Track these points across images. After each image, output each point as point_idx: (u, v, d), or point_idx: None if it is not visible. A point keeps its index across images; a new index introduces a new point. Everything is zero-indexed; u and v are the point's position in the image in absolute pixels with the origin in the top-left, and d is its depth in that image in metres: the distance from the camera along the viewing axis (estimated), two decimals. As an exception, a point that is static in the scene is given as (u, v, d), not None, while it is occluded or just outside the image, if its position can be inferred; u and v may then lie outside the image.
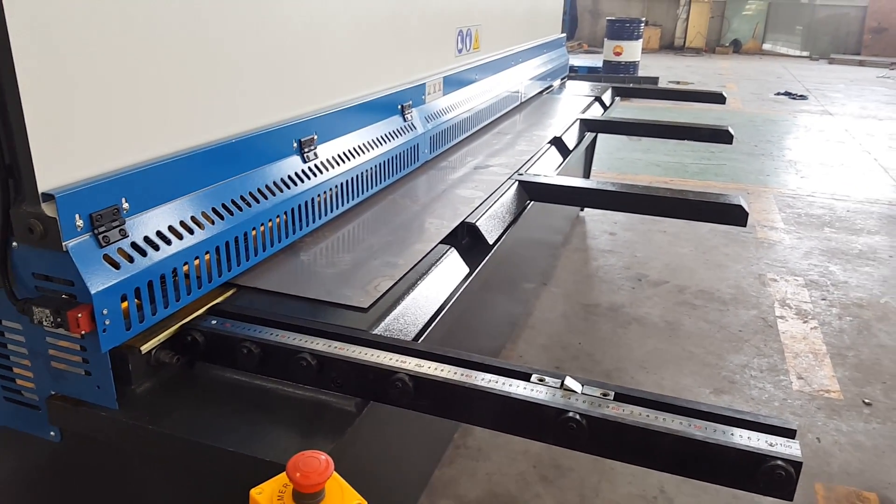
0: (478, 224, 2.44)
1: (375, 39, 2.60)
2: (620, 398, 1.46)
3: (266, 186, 1.92)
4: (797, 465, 1.29)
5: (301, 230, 2.12)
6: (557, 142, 3.77)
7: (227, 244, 1.77)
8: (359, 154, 2.41)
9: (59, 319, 1.37)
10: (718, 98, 5.41)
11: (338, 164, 2.28)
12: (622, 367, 3.73)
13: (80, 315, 1.35)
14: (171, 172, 1.61)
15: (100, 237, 1.41)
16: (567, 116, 4.40)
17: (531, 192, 2.97)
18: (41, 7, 1.28)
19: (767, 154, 8.47)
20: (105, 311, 1.39)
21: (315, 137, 2.17)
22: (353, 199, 2.42)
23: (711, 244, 5.49)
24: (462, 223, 2.43)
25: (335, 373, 1.56)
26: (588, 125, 4.38)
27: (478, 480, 2.88)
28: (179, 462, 1.59)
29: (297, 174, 2.07)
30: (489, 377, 1.52)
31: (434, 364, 1.55)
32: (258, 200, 1.88)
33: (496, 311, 3.60)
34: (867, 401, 3.47)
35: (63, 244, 1.34)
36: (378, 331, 1.73)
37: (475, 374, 1.52)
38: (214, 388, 1.62)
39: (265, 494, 1.13)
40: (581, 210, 5.99)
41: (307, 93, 2.20)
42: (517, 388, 1.48)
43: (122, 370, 1.53)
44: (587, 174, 6.09)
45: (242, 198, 1.83)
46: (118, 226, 1.45)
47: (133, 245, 1.48)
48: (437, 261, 2.14)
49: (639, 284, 4.78)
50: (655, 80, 13.39)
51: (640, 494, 2.82)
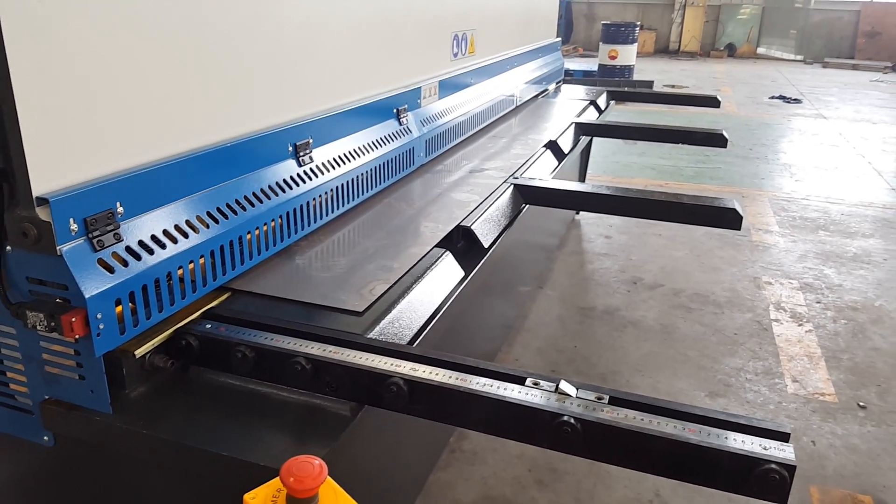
0: (473, 227, 2.44)
1: (371, 43, 2.60)
2: (615, 402, 1.46)
3: (261, 190, 1.92)
4: (791, 469, 1.29)
5: (296, 234, 2.12)
6: (553, 145, 3.77)
7: (222, 248, 1.76)
8: (354, 158, 2.41)
9: (53, 324, 1.36)
10: (713, 102, 5.42)
11: (333, 168, 2.28)
12: (618, 371, 3.74)
13: (74, 319, 1.35)
14: (166, 176, 1.61)
15: (94, 241, 1.40)
16: (562, 120, 4.40)
17: (526, 196, 2.97)
18: (36, 11, 1.28)
19: (762, 157, 8.49)
20: (99, 316, 1.39)
21: (310, 141, 2.17)
22: (349, 203, 2.42)
23: (706, 247, 5.50)
24: (457, 227, 2.43)
25: (330, 377, 1.56)
26: (583, 129, 4.39)
27: (473, 484, 2.88)
28: (173, 467, 1.59)
29: (293, 178, 2.07)
30: (484, 381, 1.52)
31: (429, 368, 1.55)
32: (253, 204, 1.88)
33: (492, 315, 3.60)
34: (862, 404, 3.48)
35: (57, 248, 1.34)
36: (373, 335, 1.73)
37: (470, 378, 1.52)
38: (209, 393, 1.62)
39: (259, 499, 1.13)
40: (576, 213, 6.00)
41: (302, 96, 2.20)
42: (512, 392, 1.48)
43: (117, 374, 1.53)
44: (582, 178, 6.10)
45: (237, 201, 1.82)
46: (113, 230, 1.45)
47: (127, 249, 1.48)
48: (433, 264, 2.14)
49: (634, 288, 4.79)
50: (650, 84, 13.38)
51: (636, 498, 2.82)
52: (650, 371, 3.73)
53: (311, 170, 2.16)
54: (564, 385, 1.49)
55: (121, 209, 1.48)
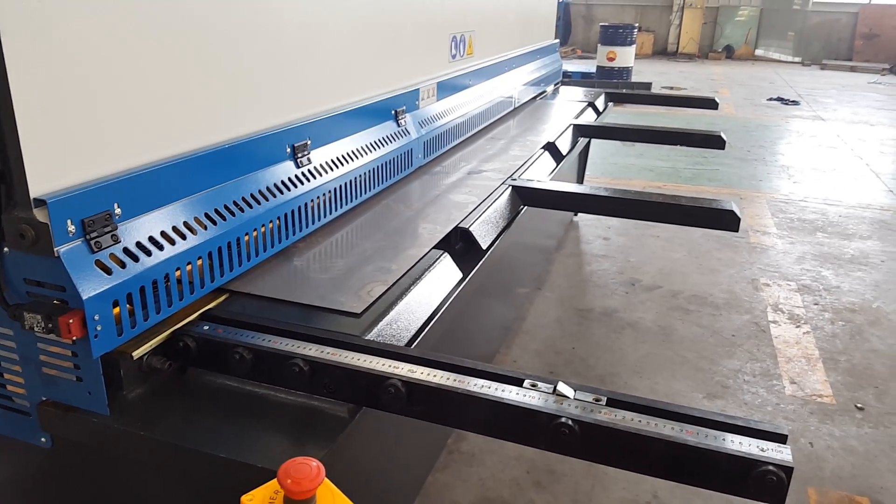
0: (471, 229, 2.44)
1: (369, 45, 2.60)
2: (613, 403, 1.46)
3: (259, 191, 1.92)
4: (788, 471, 1.29)
5: (294, 235, 2.12)
6: (551, 147, 3.77)
7: (220, 249, 1.76)
8: (352, 159, 2.42)
9: (51, 325, 1.37)
10: (711, 104, 5.42)
11: (331, 170, 2.28)
12: (616, 372, 3.74)
13: (72, 321, 1.35)
14: (164, 177, 1.61)
15: (92, 243, 1.40)
16: (560, 122, 4.41)
17: (525, 198, 2.97)
18: (33, 13, 1.28)
19: (760, 159, 8.50)
20: (96, 317, 1.39)
21: (308, 142, 2.17)
22: (347, 204, 2.42)
23: (704, 249, 5.50)
24: (455, 228, 2.43)
25: (327, 378, 1.56)
26: (581, 130, 4.39)
27: (471, 486, 2.88)
28: (171, 468, 1.59)
29: (291, 179, 2.07)
30: (482, 382, 1.52)
31: (427, 369, 1.55)
32: (251, 205, 1.88)
33: (490, 316, 3.60)
34: (859, 405, 3.48)
35: (55, 250, 1.34)
36: (371, 336, 1.73)
37: (468, 380, 1.52)
38: (206, 394, 1.62)
39: (256, 501, 1.13)
40: (575, 215, 6.00)
41: (301, 98, 2.20)
42: (510, 394, 1.48)
43: (114, 376, 1.53)
44: (581, 179, 6.11)
45: (235, 203, 1.82)
46: (110, 231, 1.45)
47: (125, 250, 1.48)
48: (431, 266, 2.14)
49: (632, 289, 4.79)
50: (648, 86, 13.44)
51: (634, 499, 2.82)
52: (648, 372, 3.73)
53: (310, 171, 2.16)
54: (562, 387, 1.49)
55: (118, 211, 1.48)
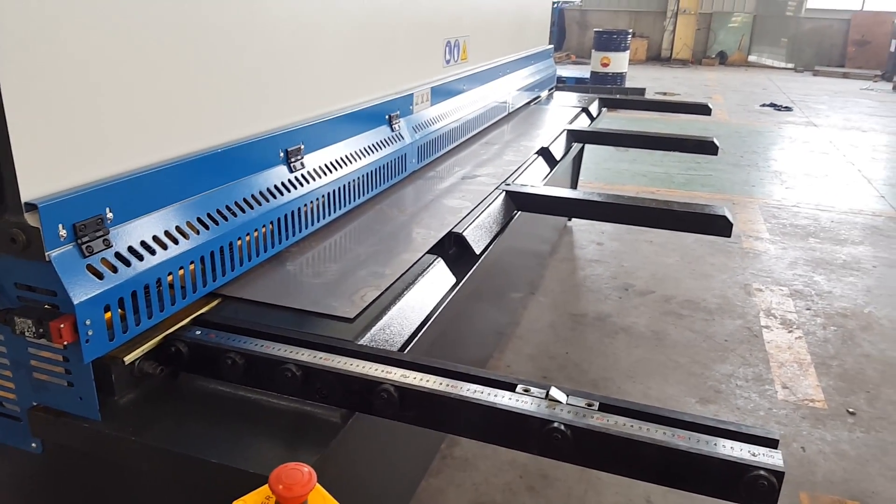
0: (465, 234, 2.44)
1: (363, 50, 2.61)
2: (605, 408, 1.47)
3: (252, 196, 1.92)
4: (779, 475, 1.30)
5: (287, 240, 2.11)
6: (545, 152, 3.78)
7: (213, 254, 1.76)
8: (346, 164, 2.42)
9: (42, 330, 1.36)
10: (704, 109, 5.44)
11: (325, 174, 2.28)
12: (609, 377, 3.74)
13: (63, 326, 1.34)
14: (156, 182, 1.61)
15: (83, 247, 1.40)
16: (554, 127, 4.41)
17: (518, 203, 2.98)
18: (24, 18, 1.28)
19: (753, 165, 8.53)
20: (88, 322, 1.38)
21: (302, 147, 2.17)
22: (341, 209, 2.42)
23: (697, 254, 5.51)
24: (449, 233, 2.43)
25: (320, 383, 1.55)
26: (575, 136, 4.40)
27: (465, 491, 2.87)
28: (162, 473, 1.58)
29: (284, 184, 2.07)
30: (475, 388, 1.52)
31: (420, 374, 1.55)
32: (244, 210, 1.87)
33: (484, 321, 3.60)
34: (851, 410, 3.49)
35: (46, 254, 1.33)
36: (364, 341, 1.73)
37: (461, 385, 1.52)
38: (198, 399, 1.61)
39: (248, 506, 1.13)
40: (569, 220, 6.01)
41: (294, 102, 2.20)
42: (502, 399, 1.48)
43: (105, 381, 1.52)
44: (574, 184, 6.12)
45: (228, 208, 1.82)
46: (102, 236, 1.45)
47: (117, 255, 1.47)
48: (424, 271, 2.14)
49: (625, 294, 4.80)
50: (642, 92, 13.42)
51: (627, 504, 2.82)
52: (641, 377, 3.74)
53: (303, 176, 2.16)
54: (555, 392, 1.49)
55: (110, 215, 1.47)
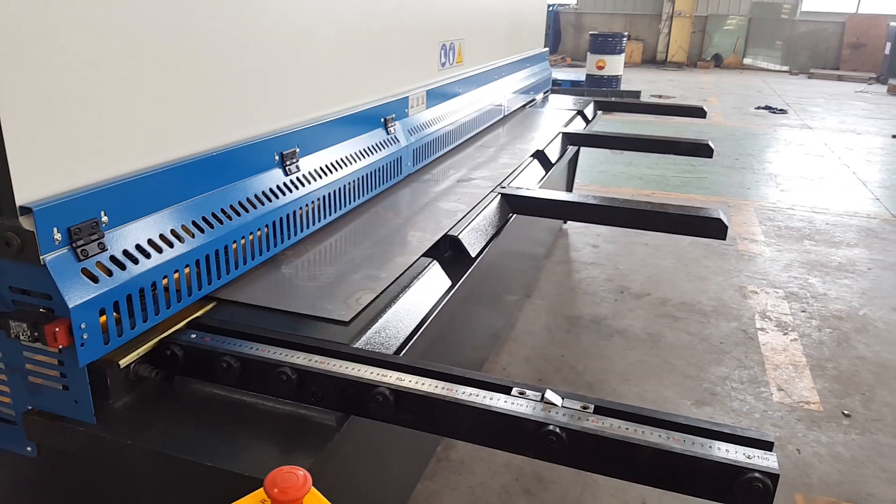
0: (460, 237, 2.44)
1: (358, 52, 2.61)
2: (600, 411, 1.47)
3: (247, 199, 1.92)
4: (774, 478, 1.30)
5: (282, 243, 2.11)
6: (540, 155, 3.78)
7: (208, 257, 1.76)
8: (341, 167, 2.42)
9: (37, 333, 1.36)
10: (699, 112, 5.45)
11: (320, 177, 2.28)
12: (604, 380, 3.74)
13: (58, 329, 1.34)
14: (151, 185, 1.61)
15: (78, 251, 1.40)
16: (550, 130, 4.42)
17: (514, 206, 2.98)
18: (18, 20, 1.28)
19: (748, 167, 8.55)
20: (83, 326, 1.38)
21: (297, 150, 2.17)
22: (336, 212, 2.42)
23: (692, 256, 5.52)
24: (444, 236, 2.44)
25: (315, 387, 1.55)
26: (570, 139, 4.41)
27: (460, 494, 2.87)
28: (158, 477, 1.58)
29: (279, 187, 2.07)
30: (470, 390, 1.52)
31: (415, 378, 1.55)
32: (239, 213, 1.87)
33: (479, 324, 3.61)
34: (846, 412, 3.50)
35: (41, 258, 1.33)
36: (359, 344, 1.73)
37: (456, 388, 1.52)
38: (193, 403, 1.61)
39: (243, 510, 1.13)
40: (564, 223, 6.02)
41: (289, 105, 2.20)
42: (498, 402, 1.48)
43: (100, 385, 1.52)
44: (570, 187, 6.12)
45: (223, 211, 1.82)
46: (97, 239, 1.44)
47: (112, 259, 1.47)
48: (420, 274, 2.14)
49: (621, 297, 4.81)
50: (637, 94, 13.46)
51: (622, 507, 2.82)
52: (636, 380, 3.74)
53: (298, 179, 2.16)
54: (550, 394, 1.49)
55: (105, 218, 1.47)
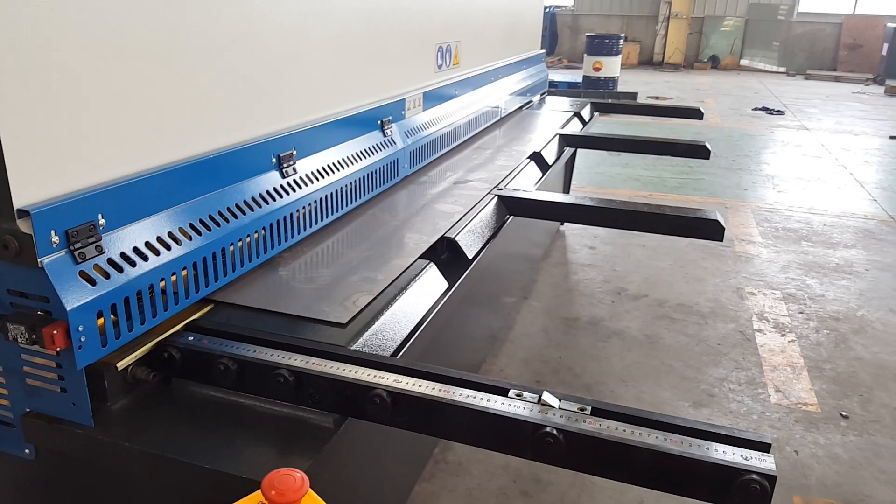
0: (457, 239, 2.44)
1: (355, 55, 2.61)
2: (597, 413, 1.47)
3: (244, 202, 1.92)
4: (772, 479, 1.30)
5: (280, 245, 2.12)
6: (537, 157, 3.79)
7: (205, 260, 1.76)
8: (338, 169, 2.42)
9: (35, 336, 1.36)
10: (696, 114, 5.46)
11: (317, 180, 2.28)
12: (602, 381, 3.75)
13: (56, 332, 1.34)
14: (148, 188, 1.61)
15: (76, 253, 1.40)
16: (546, 132, 4.43)
17: (511, 207, 2.98)
18: (14, 21, 1.28)
19: (745, 169, 8.56)
20: (81, 328, 1.38)
21: (294, 153, 2.17)
22: (333, 214, 2.42)
23: (690, 258, 5.53)
24: (441, 238, 2.44)
25: (313, 389, 1.55)
26: (567, 140, 4.41)
27: (458, 496, 2.87)
28: (155, 479, 1.58)
29: (276, 189, 2.07)
30: (467, 392, 1.52)
31: (412, 380, 1.55)
32: (236, 216, 1.87)
33: (477, 326, 3.61)
34: (844, 413, 3.50)
35: (38, 261, 1.33)
36: (356, 346, 1.73)
37: (453, 390, 1.52)
38: (191, 405, 1.61)
39: (241, 512, 1.13)
40: (561, 224, 6.02)
41: (286, 108, 2.20)
42: (495, 404, 1.49)
43: (98, 387, 1.52)
44: (567, 189, 6.13)
45: (220, 213, 1.82)
46: (94, 242, 1.45)
47: (109, 261, 1.47)
48: (417, 276, 2.14)
49: (618, 298, 4.81)
50: (634, 96, 13.47)
51: (620, 508, 2.82)
52: (634, 381, 3.74)
53: (295, 181, 2.17)
54: (547, 396, 1.49)
55: (103, 221, 1.47)
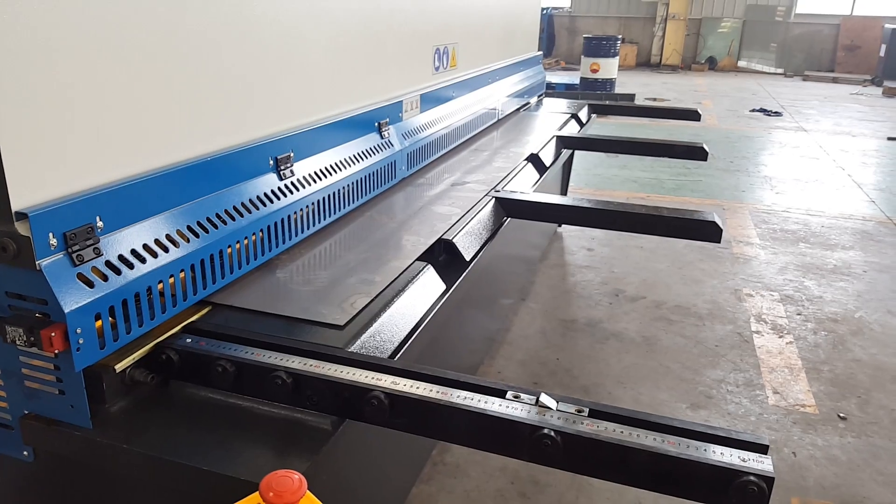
0: (455, 240, 2.45)
1: (352, 57, 2.62)
2: (595, 414, 1.47)
3: (242, 204, 1.92)
4: (769, 481, 1.30)
5: (277, 248, 2.12)
6: (534, 159, 3.79)
7: (203, 262, 1.76)
8: (336, 171, 2.42)
9: (33, 338, 1.36)
10: (694, 115, 5.46)
11: (314, 182, 2.28)
12: (600, 383, 3.75)
13: (54, 334, 1.34)
14: (146, 190, 1.61)
15: (74, 256, 1.40)
16: (544, 133, 4.43)
17: (508, 209, 2.99)
18: (11, 25, 1.28)
19: (743, 170, 8.57)
20: (79, 330, 1.38)
21: (291, 155, 2.18)
22: (330, 217, 2.42)
23: (688, 259, 5.53)
24: (439, 240, 2.44)
25: (310, 391, 1.56)
26: (565, 142, 4.42)
27: (456, 497, 2.87)
28: (153, 481, 1.58)
29: (274, 191, 2.07)
30: (465, 394, 1.52)
31: (410, 381, 1.55)
32: (234, 218, 1.88)
33: (474, 328, 3.61)
34: (842, 415, 3.51)
35: (36, 263, 1.33)
36: (354, 348, 1.73)
37: (451, 392, 1.53)
38: (189, 407, 1.61)
39: (238, 514, 1.13)
40: (559, 226, 6.02)
41: (283, 110, 2.21)
42: (492, 405, 1.49)
43: (96, 389, 1.52)
44: (564, 190, 6.13)
45: (218, 215, 1.83)
46: (92, 244, 1.45)
47: (107, 263, 1.48)
48: (414, 277, 2.15)
49: (616, 300, 4.81)
50: (632, 97, 13.54)
51: (618, 510, 2.82)
52: (632, 383, 3.75)
53: (293, 183, 2.17)
54: (545, 398, 1.50)
55: (100, 223, 1.47)
